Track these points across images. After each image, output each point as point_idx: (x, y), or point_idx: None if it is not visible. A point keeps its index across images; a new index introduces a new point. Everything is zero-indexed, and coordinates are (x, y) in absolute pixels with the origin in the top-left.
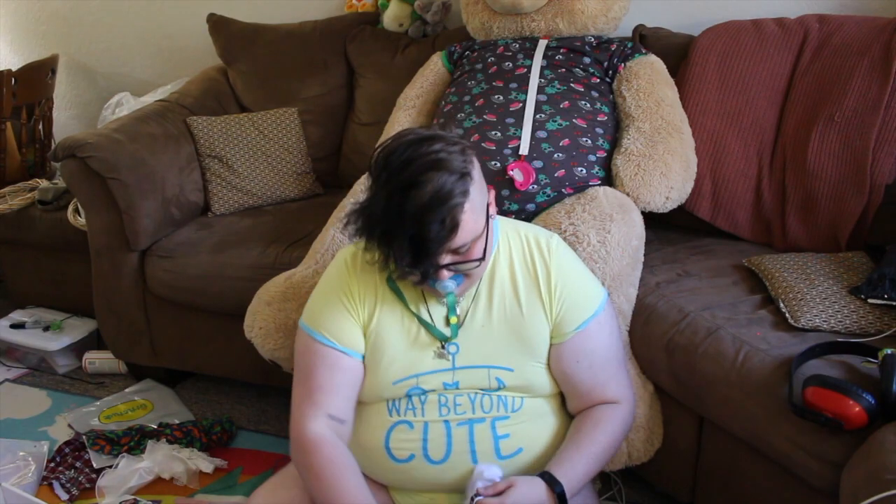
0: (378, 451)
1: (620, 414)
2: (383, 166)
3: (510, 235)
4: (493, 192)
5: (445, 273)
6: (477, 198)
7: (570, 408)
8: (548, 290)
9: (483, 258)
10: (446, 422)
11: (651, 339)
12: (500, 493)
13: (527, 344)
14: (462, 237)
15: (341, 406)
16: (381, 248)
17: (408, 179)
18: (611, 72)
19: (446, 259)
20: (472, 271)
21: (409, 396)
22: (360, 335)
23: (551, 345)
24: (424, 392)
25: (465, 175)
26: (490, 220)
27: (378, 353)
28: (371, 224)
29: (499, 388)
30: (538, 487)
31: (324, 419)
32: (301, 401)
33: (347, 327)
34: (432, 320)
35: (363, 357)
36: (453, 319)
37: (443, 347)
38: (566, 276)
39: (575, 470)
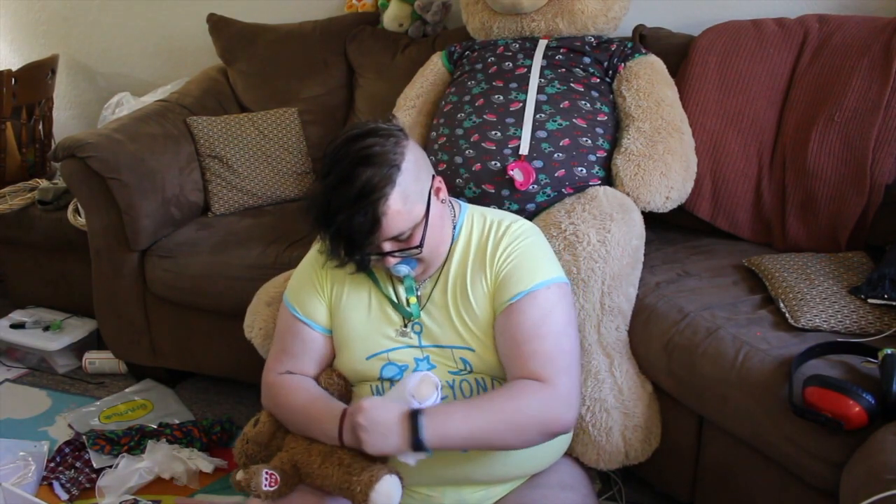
0: None
1: (538, 390)
2: (325, 163)
3: (475, 220)
4: (439, 179)
5: (391, 259)
6: (411, 186)
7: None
8: (492, 261)
9: (421, 245)
10: None
11: (651, 339)
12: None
13: (476, 322)
14: (393, 227)
15: (302, 370)
16: (322, 236)
17: (338, 176)
18: (611, 72)
19: (388, 246)
20: (424, 257)
21: (391, 381)
22: (325, 311)
23: (495, 319)
24: (400, 371)
25: (393, 167)
26: (432, 206)
27: (344, 329)
28: (310, 218)
29: (467, 369)
30: (391, 410)
31: (286, 373)
32: (271, 357)
33: (313, 302)
34: (398, 299)
35: (329, 332)
36: (412, 300)
37: (405, 326)
38: (513, 250)
39: (450, 417)
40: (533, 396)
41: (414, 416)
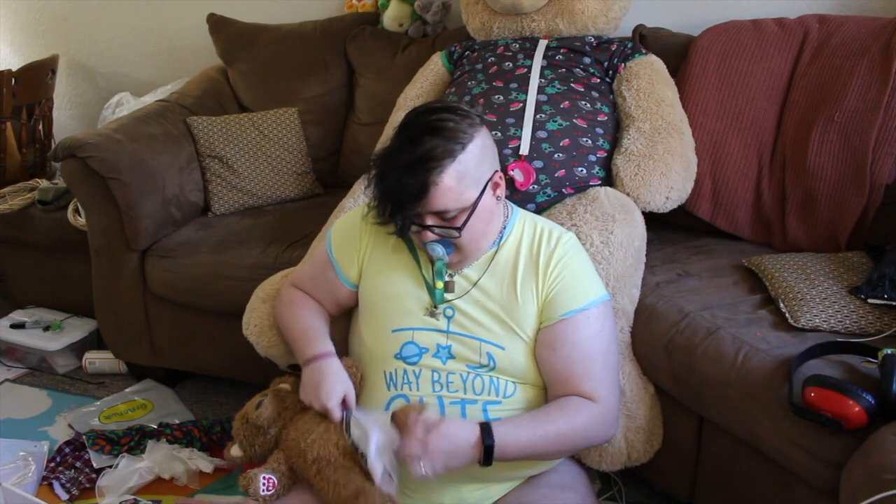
0: None
1: (591, 409)
2: (400, 125)
3: (526, 224)
4: (500, 175)
5: (430, 235)
6: (470, 169)
7: (548, 398)
8: (544, 272)
9: (461, 228)
10: (440, 398)
11: (651, 339)
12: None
13: (517, 324)
14: (440, 201)
15: (314, 299)
16: (374, 191)
17: (406, 139)
18: (611, 72)
19: (430, 220)
20: (462, 244)
21: (405, 360)
22: (356, 269)
23: (539, 329)
24: (419, 353)
25: (458, 144)
26: (484, 196)
27: (375, 296)
28: (373, 169)
29: (490, 366)
30: (468, 430)
31: (299, 290)
32: (298, 269)
33: (348, 255)
34: (433, 281)
35: (353, 286)
36: (439, 284)
37: (435, 308)
38: (566, 263)
39: (517, 436)
40: (587, 416)
41: (486, 432)
